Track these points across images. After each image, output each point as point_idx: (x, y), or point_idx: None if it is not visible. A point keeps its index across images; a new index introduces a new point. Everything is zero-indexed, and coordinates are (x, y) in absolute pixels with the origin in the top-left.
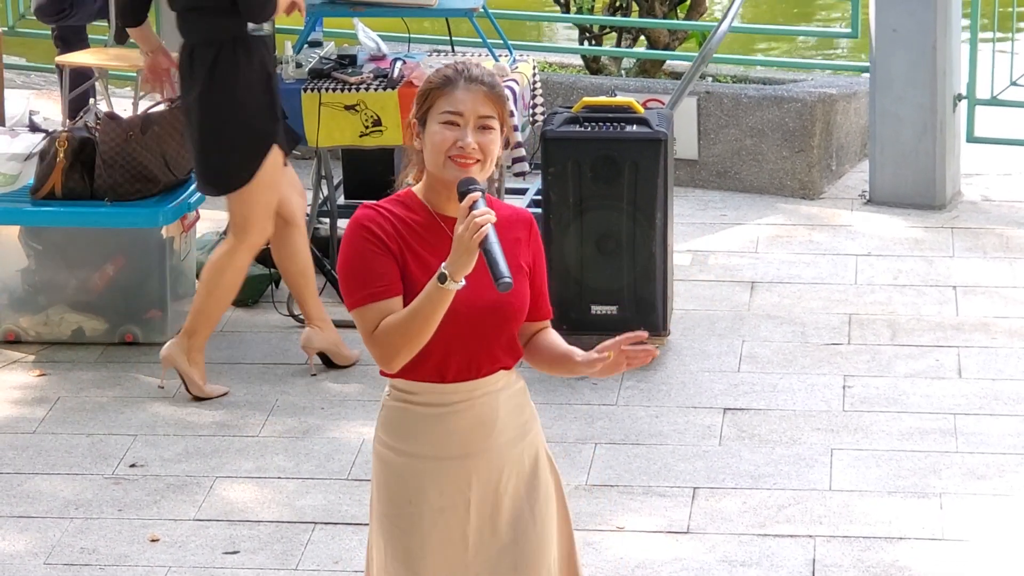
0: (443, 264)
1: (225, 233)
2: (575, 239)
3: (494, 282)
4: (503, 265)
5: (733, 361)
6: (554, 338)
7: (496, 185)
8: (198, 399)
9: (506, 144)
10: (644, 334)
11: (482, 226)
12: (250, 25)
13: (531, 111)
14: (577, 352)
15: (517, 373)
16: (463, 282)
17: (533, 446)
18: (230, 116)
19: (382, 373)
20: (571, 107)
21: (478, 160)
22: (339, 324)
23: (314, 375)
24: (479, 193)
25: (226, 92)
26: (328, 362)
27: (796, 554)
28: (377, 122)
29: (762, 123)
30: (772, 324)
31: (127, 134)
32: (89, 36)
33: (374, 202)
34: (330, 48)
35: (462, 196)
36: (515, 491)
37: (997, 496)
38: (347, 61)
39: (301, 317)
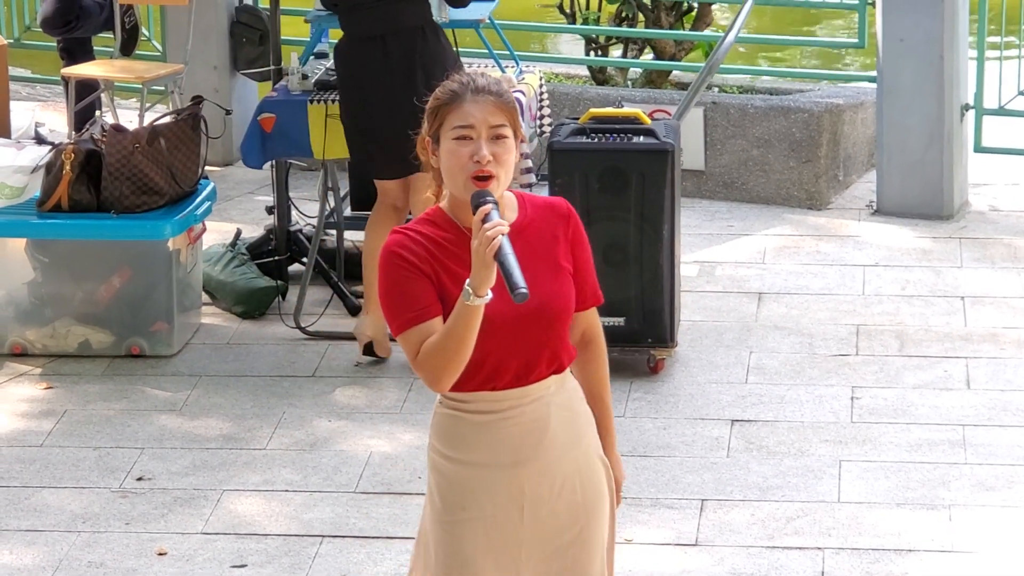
0: (467, 280)
1: (233, 246)
2: None
3: (510, 293)
4: (518, 276)
5: (741, 372)
6: (599, 387)
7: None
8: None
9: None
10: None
11: (493, 239)
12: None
13: (538, 122)
14: (612, 447)
15: (570, 375)
16: (489, 295)
17: (587, 453)
18: None
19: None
20: (578, 118)
21: (493, 175)
22: (334, 337)
23: (357, 365)
24: (491, 205)
25: (436, 71)
26: (370, 351)
27: (805, 566)
28: None
29: (769, 133)
30: (780, 335)
31: (133, 146)
32: (94, 48)
33: (403, 225)
34: None
35: (475, 209)
36: (570, 499)
37: (1006, 507)
38: None
39: (309, 329)
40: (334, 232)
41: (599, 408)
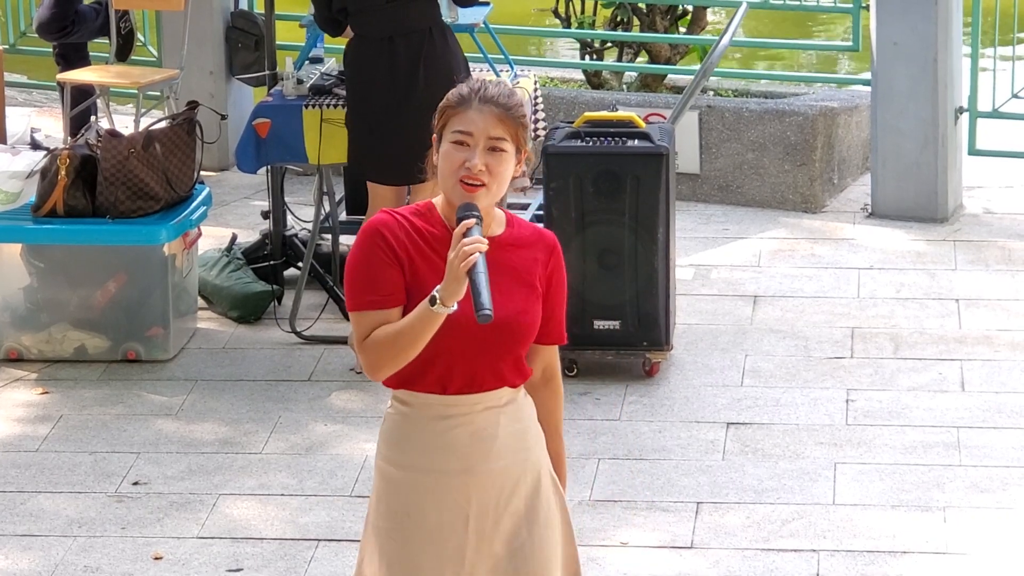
0: (436, 287)
1: (229, 250)
2: (577, 254)
3: (475, 312)
4: (485, 296)
5: (736, 375)
6: (553, 421)
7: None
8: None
9: (528, 164)
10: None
11: (470, 255)
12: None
13: (533, 126)
14: (560, 490)
15: (525, 392)
16: (455, 307)
17: (536, 467)
18: None
19: (385, 383)
20: (572, 122)
21: (483, 184)
22: (330, 341)
23: (353, 370)
24: (474, 220)
25: (440, 73)
26: None
27: (800, 569)
28: None
29: (764, 137)
30: (775, 338)
31: (128, 151)
32: (90, 53)
33: (393, 208)
34: (331, 64)
35: (459, 221)
36: (515, 511)
37: (1001, 509)
38: None
39: (304, 333)
40: (329, 236)
41: (555, 445)
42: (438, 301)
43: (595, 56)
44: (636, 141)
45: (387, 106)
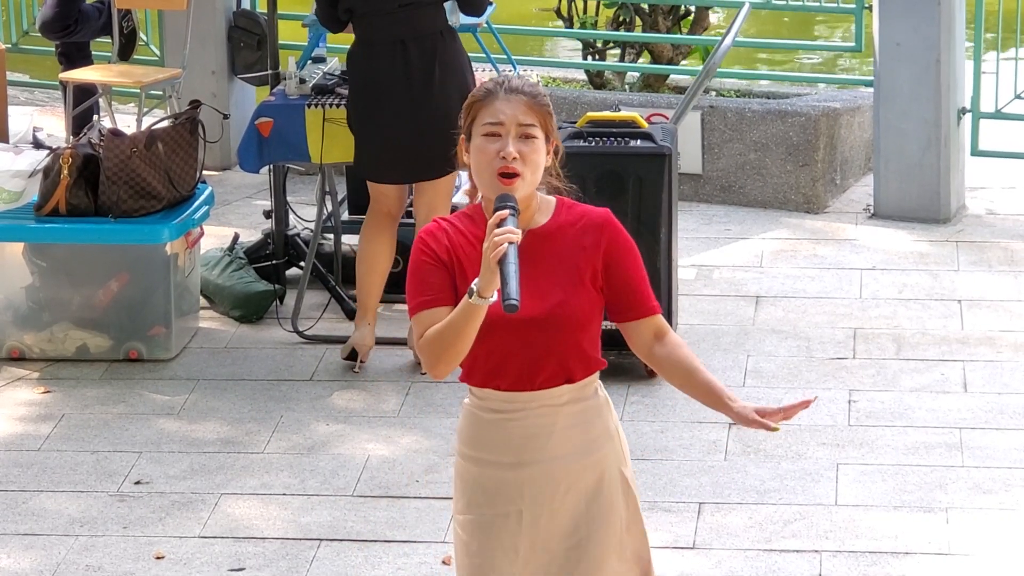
0: (474, 280)
1: (231, 250)
2: None
3: (501, 301)
4: (513, 286)
5: (738, 376)
6: (692, 361)
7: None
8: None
9: (556, 153)
10: (812, 399)
11: (500, 245)
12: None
13: None
14: (732, 399)
15: (597, 389)
16: (494, 297)
17: (599, 467)
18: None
19: (460, 378)
20: (575, 122)
21: (518, 174)
22: (332, 341)
23: (356, 372)
24: (508, 212)
25: (453, 75)
26: (354, 354)
27: (802, 569)
28: None
29: (766, 137)
30: (777, 339)
31: (131, 150)
32: (92, 53)
33: (443, 216)
34: (334, 64)
35: (494, 212)
36: (574, 508)
37: (1003, 510)
38: None
39: (306, 333)
40: (332, 236)
41: (698, 378)
42: (475, 293)
43: (597, 56)
44: (639, 141)
45: (400, 109)
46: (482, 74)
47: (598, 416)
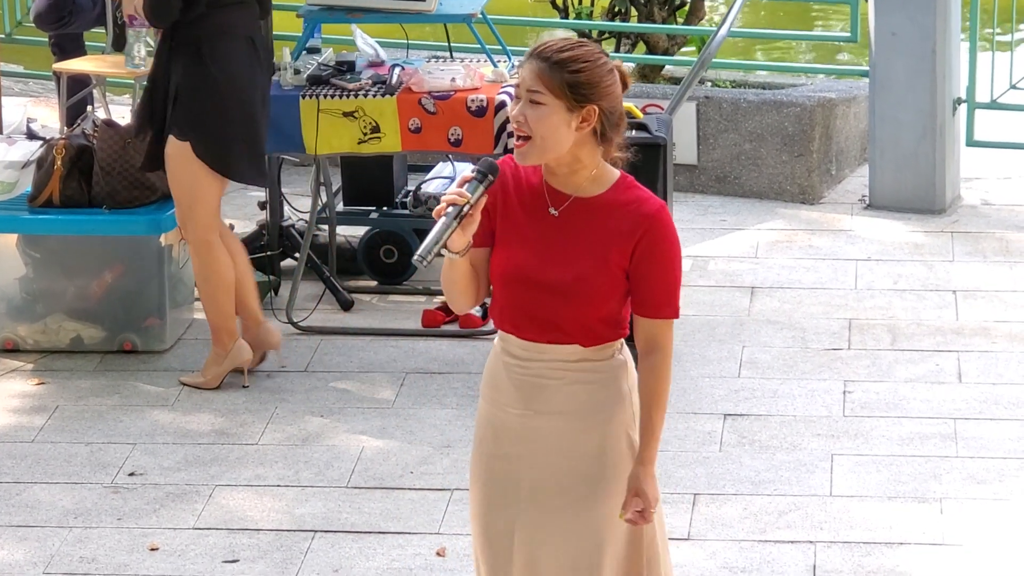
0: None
1: None
2: None
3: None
4: (427, 243)
5: (733, 367)
6: (648, 398)
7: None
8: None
9: (605, 124)
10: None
11: (448, 205)
12: None
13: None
14: (641, 461)
15: (615, 352)
16: (460, 251)
17: (606, 426)
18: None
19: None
20: None
21: (528, 136)
22: (327, 332)
23: (284, 366)
24: (474, 174)
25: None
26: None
27: (797, 560)
28: (375, 129)
29: (761, 128)
30: (772, 329)
31: (125, 141)
32: (86, 43)
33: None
34: (328, 54)
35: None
36: (573, 466)
37: (997, 501)
38: (345, 67)
39: (301, 324)
40: (326, 227)
41: (643, 415)
42: (415, 254)
43: None
44: (633, 132)
45: (257, 106)
46: (476, 66)
47: (612, 378)
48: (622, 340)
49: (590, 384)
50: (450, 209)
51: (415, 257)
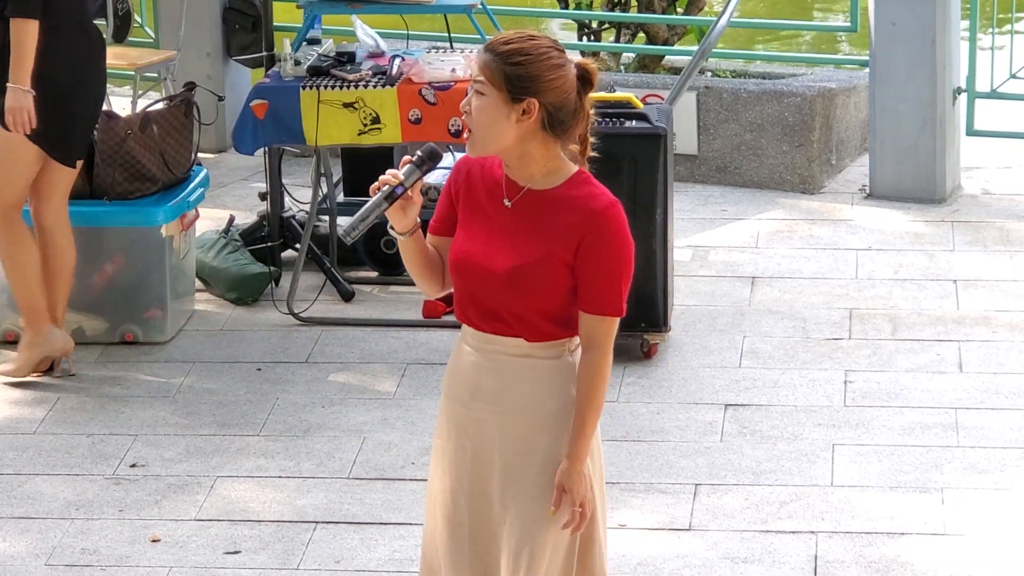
0: None
1: (226, 232)
2: None
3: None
4: (354, 219)
5: (734, 357)
6: (579, 397)
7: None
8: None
9: (551, 126)
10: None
11: (382, 184)
12: None
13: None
14: (569, 457)
15: (565, 353)
16: (405, 232)
17: (540, 426)
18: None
19: None
20: None
21: (466, 128)
22: (327, 323)
23: (72, 374)
24: (413, 158)
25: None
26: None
27: (798, 550)
28: (376, 120)
29: (762, 118)
30: (773, 319)
31: (125, 132)
32: None
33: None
34: (328, 45)
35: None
36: (506, 465)
37: (999, 490)
38: (346, 58)
39: (302, 315)
40: (327, 218)
41: (575, 415)
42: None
43: (593, 37)
44: (634, 122)
45: (77, 88)
46: (476, 56)
47: (558, 379)
48: (576, 341)
49: (532, 381)
50: (384, 188)
51: (340, 231)
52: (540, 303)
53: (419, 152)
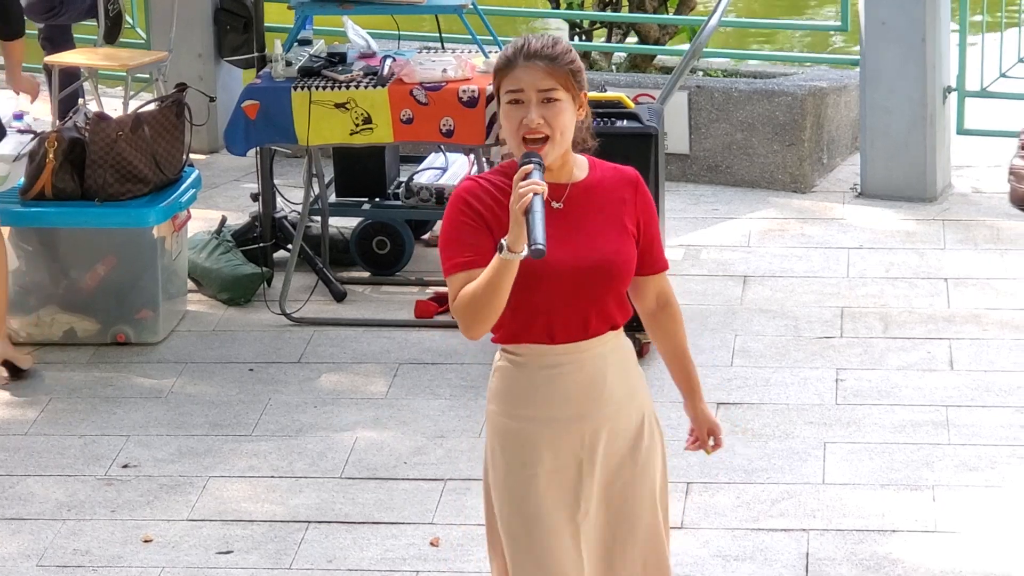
0: (503, 236)
1: (218, 233)
2: None
3: (527, 248)
4: (538, 232)
5: (726, 355)
6: (684, 346)
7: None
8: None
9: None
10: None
11: (524, 196)
12: None
13: None
14: (702, 400)
15: (624, 334)
16: (525, 252)
17: (641, 407)
18: None
19: (495, 340)
20: None
21: (547, 136)
22: (320, 323)
23: (4, 386)
24: (533, 165)
25: None
26: (14, 369)
27: (790, 548)
28: (367, 120)
29: (753, 117)
30: (764, 318)
31: (117, 134)
32: (74, 36)
33: (478, 174)
34: (320, 46)
35: (519, 167)
36: (621, 450)
37: (989, 487)
38: (337, 59)
39: (294, 315)
40: (319, 219)
41: (683, 363)
42: (505, 248)
43: (584, 37)
44: (625, 121)
45: None
46: (467, 56)
47: (633, 360)
48: None
49: (625, 369)
50: (537, 198)
51: (537, 247)
52: (628, 280)
53: (530, 159)
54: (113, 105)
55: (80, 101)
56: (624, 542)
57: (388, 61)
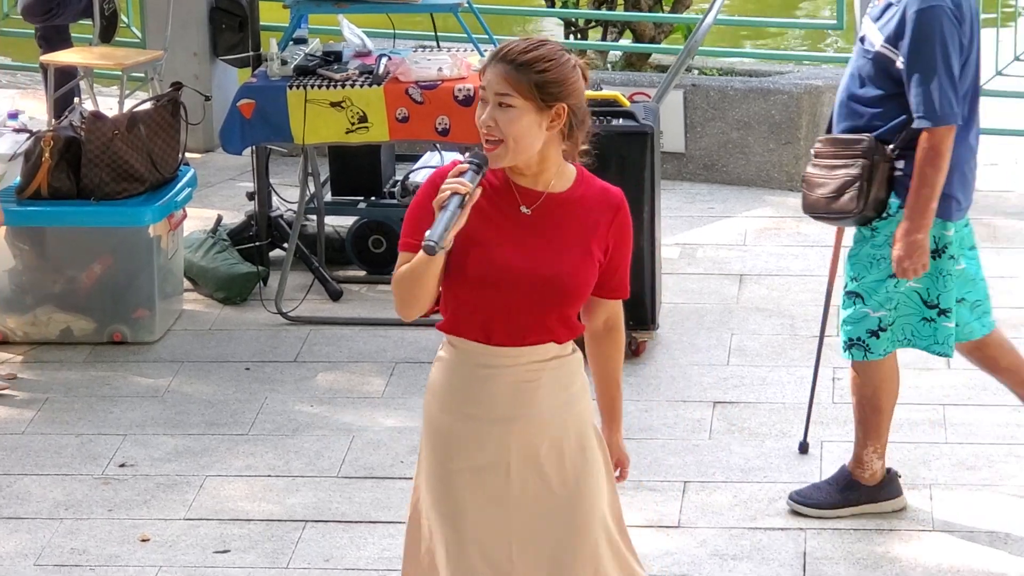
0: (427, 230)
1: (214, 232)
2: None
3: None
4: (438, 229)
5: (722, 354)
6: (616, 372)
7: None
8: None
9: (572, 122)
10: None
11: (442, 192)
12: None
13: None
14: (617, 431)
15: (574, 348)
16: (440, 246)
17: (580, 419)
18: None
19: (438, 327)
20: None
21: (500, 140)
22: (316, 322)
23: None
24: (469, 165)
25: None
26: None
27: (787, 547)
28: (363, 118)
29: (748, 115)
30: (761, 317)
31: (112, 133)
32: (72, 35)
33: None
34: (315, 45)
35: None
36: (558, 460)
37: (986, 486)
38: (332, 58)
39: (290, 314)
40: (314, 217)
41: (611, 391)
42: (425, 240)
43: (579, 35)
44: (621, 120)
45: None
46: (462, 55)
47: (577, 372)
48: None
49: (563, 380)
50: (455, 197)
51: (426, 243)
52: (579, 302)
53: (472, 159)
54: (109, 104)
55: (76, 100)
56: (575, 553)
57: (384, 60)
